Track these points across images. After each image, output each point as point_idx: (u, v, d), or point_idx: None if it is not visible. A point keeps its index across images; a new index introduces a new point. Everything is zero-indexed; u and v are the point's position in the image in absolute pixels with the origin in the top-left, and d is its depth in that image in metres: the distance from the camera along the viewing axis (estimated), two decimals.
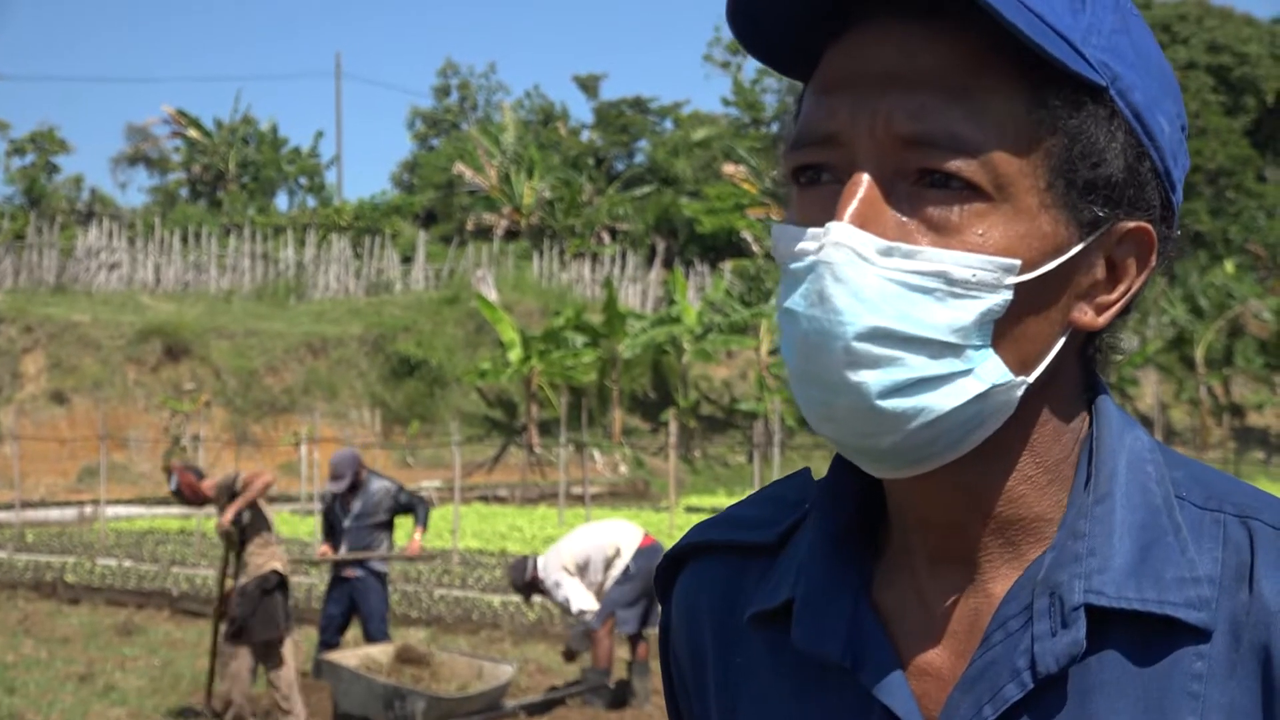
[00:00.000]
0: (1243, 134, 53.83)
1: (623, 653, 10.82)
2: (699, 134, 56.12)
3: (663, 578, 1.20)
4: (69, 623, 14.22)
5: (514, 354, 36.88)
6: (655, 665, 11.25)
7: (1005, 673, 0.95)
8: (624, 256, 49.07)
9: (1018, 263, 0.92)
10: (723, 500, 30.84)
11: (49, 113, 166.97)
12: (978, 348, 0.93)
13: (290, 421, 35.16)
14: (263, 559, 9.40)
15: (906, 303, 0.91)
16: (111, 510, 25.77)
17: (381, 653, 9.73)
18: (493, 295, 40.74)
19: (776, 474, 20.59)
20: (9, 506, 25.54)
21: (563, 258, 48.76)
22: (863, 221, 0.92)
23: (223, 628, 9.59)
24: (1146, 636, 0.94)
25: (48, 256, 40.70)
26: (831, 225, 0.92)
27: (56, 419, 33.07)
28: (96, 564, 18.11)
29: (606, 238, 52.19)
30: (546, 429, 37.73)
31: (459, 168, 52.71)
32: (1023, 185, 0.92)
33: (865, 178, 0.93)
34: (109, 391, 33.53)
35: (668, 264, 49.58)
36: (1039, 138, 0.93)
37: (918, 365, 0.92)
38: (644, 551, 10.17)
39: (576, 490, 29.09)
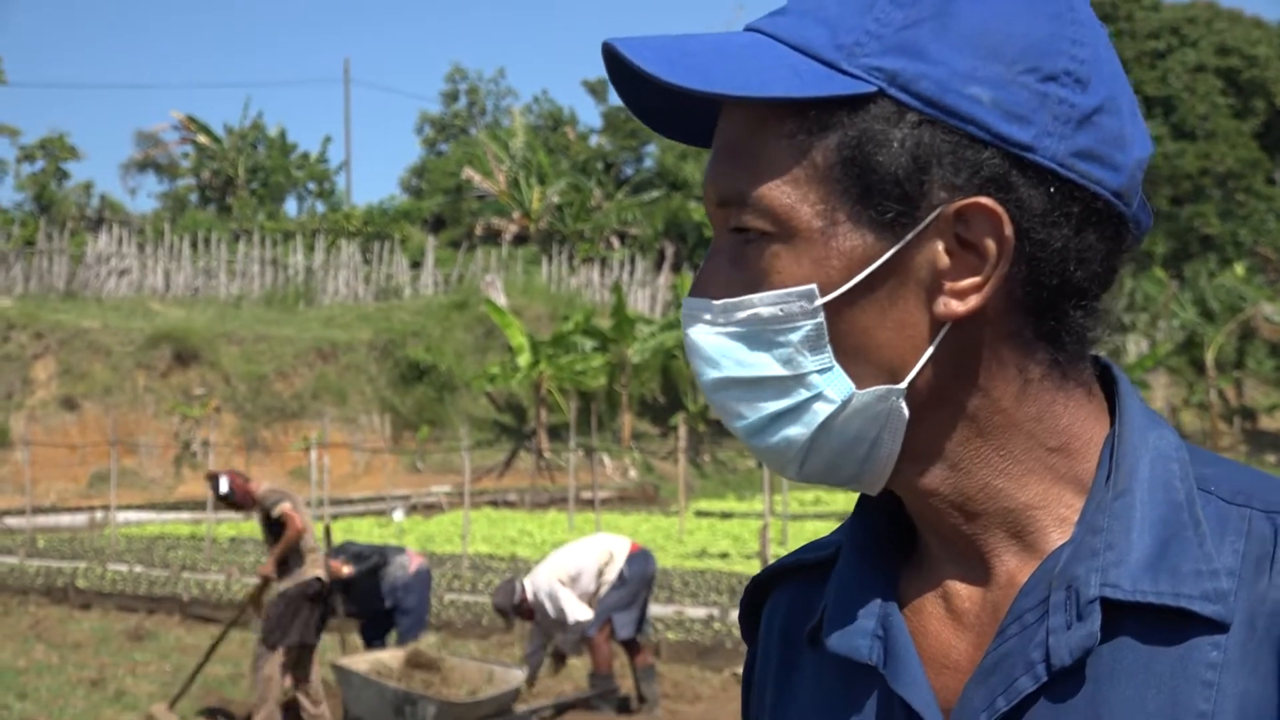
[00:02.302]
0: (1252, 137, 53.73)
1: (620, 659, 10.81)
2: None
3: (745, 613, 1.24)
4: (80, 628, 14.24)
5: (523, 359, 36.90)
6: (662, 669, 11.25)
7: (1019, 665, 0.96)
8: (633, 261, 49.09)
9: (814, 287, 0.97)
10: (732, 504, 30.82)
11: (59, 119, 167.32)
12: (820, 371, 0.98)
13: (300, 427, 35.18)
14: (305, 565, 9.54)
15: (739, 351, 1.00)
16: (122, 516, 25.82)
17: (392, 658, 9.73)
18: (501, 300, 40.77)
19: (785, 479, 20.56)
20: (20, 512, 25.60)
21: (571, 262, 48.80)
22: (704, 288, 1.02)
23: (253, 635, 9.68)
24: (1162, 629, 0.95)
25: (58, 263, 40.78)
26: (685, 299, 1.04)
27: (67, 425, 33.14)
28: (107, 569, 18.14)
29: (615, 242, 52.22)
30: (556, 434, 37.75)
31: (468, 173, 52.77)
32: (803, 214, 0.98)
33: (713, 247, 1.04)
34: (119, 397, 33.59)
35: (676, 268, 49.61)
36: (811, 164, 0.97)
37: (767, 404, 1.00)
38: (636, 556, 10.22)
39: (586, 495, 29.11)
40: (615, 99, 62.92)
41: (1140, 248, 1.06)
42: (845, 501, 30.28)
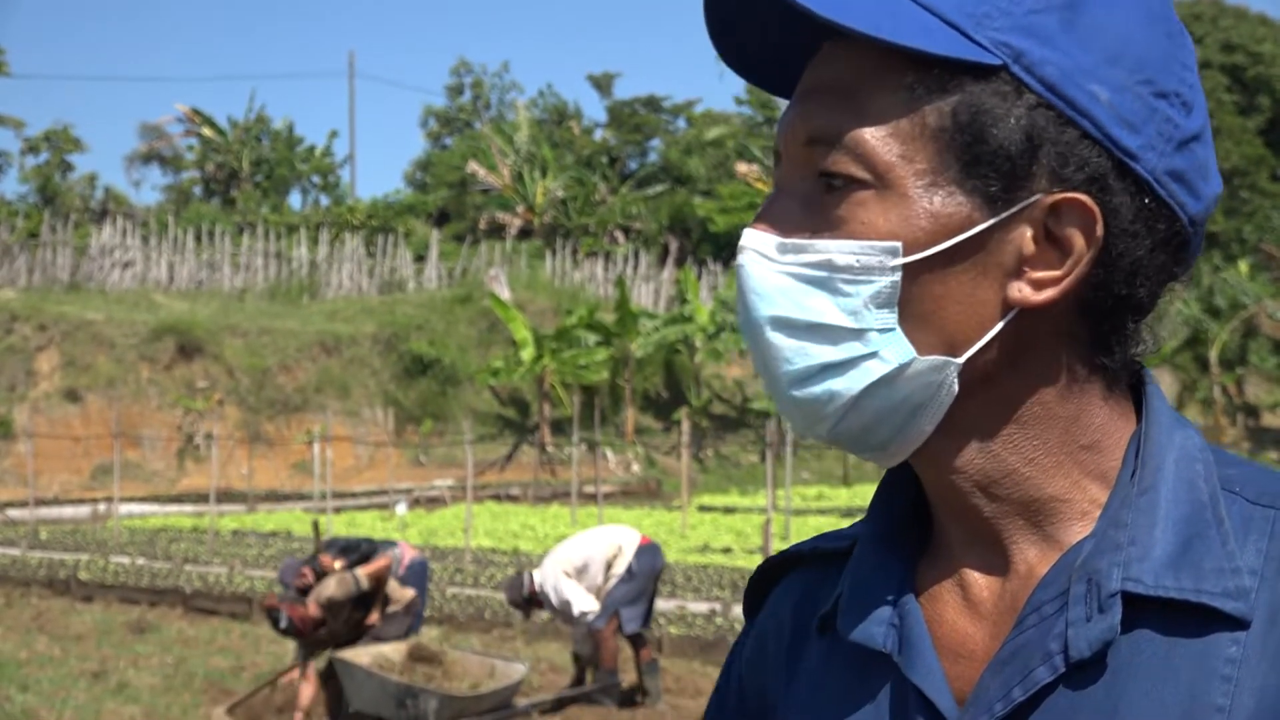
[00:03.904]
0: (1257, 134, 53.69)
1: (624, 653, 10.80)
2: (712, 133, 56.11)
3: (752, 590, 1.24)
4: (82, 620, 14.25)
5: (526, 353, 36.91)
6: (663, 663, 11.24)
7: (1037, 655, 0.96)
8: (637, 255, 49.09)
9: (898, 245, 0.96)
10: (735, 499, 30.82)
11: (63, 111, 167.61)
12: (881, 331, 0.97)
13: (303, 420, 35.21)
14: (400, 594, 9.92)
15: (800, 293, 0.98)
16: (125, 508, 25.85)
17: (394, 651, 9.73)
18: (505, 294, 40.77)
19: (789, 473, 20.51)
20: (23, 504, 25.63)
21: (575, 257, 48.79)
22: (771, 223, 1.00)
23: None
24: (1182, 624, 0.95)
25: (62, 255, 40.80)
26: (745, 230, 1.01)
27: (70, 417, 33.16)
28: (110, 561, 18.15)
29: (619, 237, 52.22)
30: (559, 428, 37.76)
31: (472, 167, 52.77)
32: (906, 169, 0.96)
33: (781, 182, 1.02)
34: (122, 389, 33.60)
35: (680, 263, 49.60)
36: (922, 121, 0.97)
37: (820, 353, 0.98)
38: (645, 550, 10.18)
39: (589, 489, 29.11)
40: (620, 93, 62.96)
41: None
42: (848, 497, 30.28)
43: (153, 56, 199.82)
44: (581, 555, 10.17)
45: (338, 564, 10.25)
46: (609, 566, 10.14)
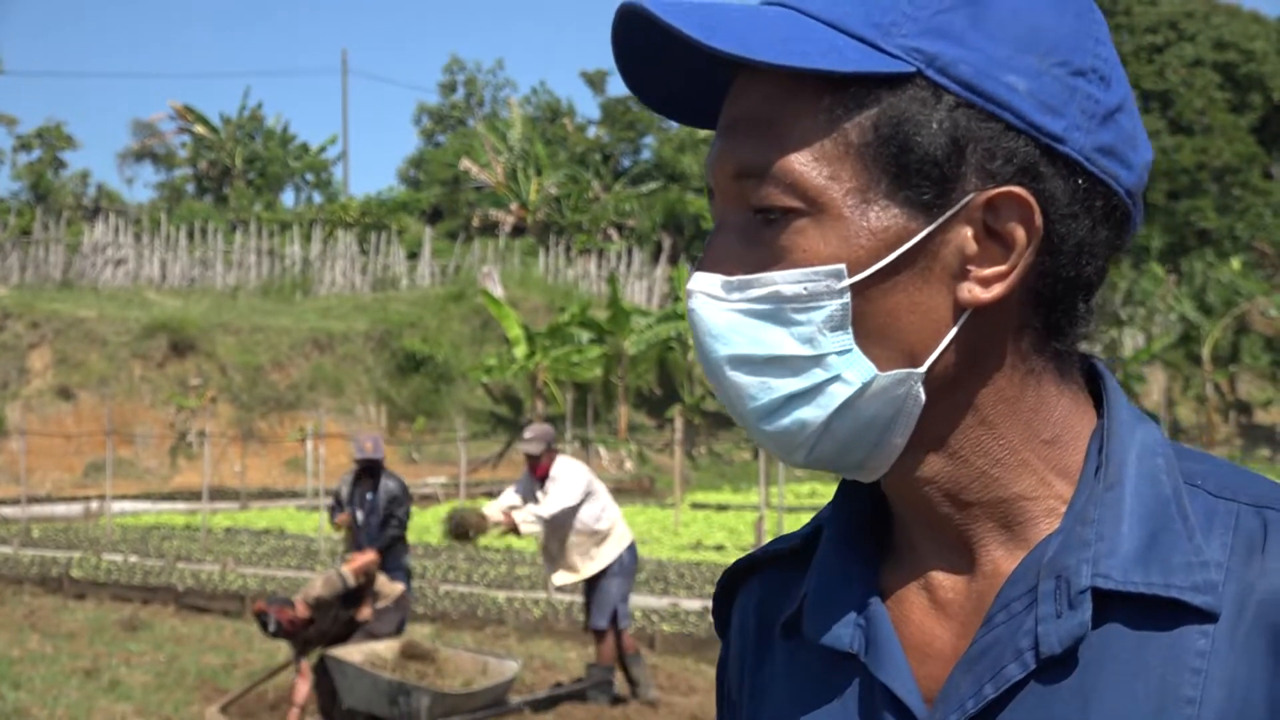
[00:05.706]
0: (1249, 131, 53.69)
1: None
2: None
3: (718, 604, 1.23)
4: (74, 618, 14.23)
5: (519, 350, 36.89)
6: (656, 661, 11.26)
7: (1008, 652, 0.96)
8: (630, 253, 49.08)
9: (842, 267, 0.96)
10: (728, 496, 30.83)
11: (56, 108, 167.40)
12: (840, 353, 0.97)
13: (296, 417, 35.17)
14: (389, 588, 9.92)
15: (753, 328, 0.98)
16: (117, 505, 25.80)
17: (386, 649, 9.72)
18: (498, 291, 40.75)
19: (781, 471, 20.55)
20: (15, 502, 25.59)
21: (569, 254, 48.78)
22: (715, 264, 1.00)
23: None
24: (1151, 619, 0.96)
25: (54, 252, 40.74)
26: (692, 273, 1.02)
27: (63, 414, 33.11)
28: (102, 559, 18.13)
29: (613, 234, 52.19)
30: (552, 425, 37.73)
31: (465, 164, 52.72)
32: (837, 190, 0.96)
33: (721, 222, 1.02)
34: (115, 387, 33.57)
35: (674, 260, 49.59)
36: (845, 140, 0.97)
37: (783, 384, 0.98)
38: (632, 548, 10.27)
39: None
40: (614, 90, 62.91)
41: (1134, 243, 1.07)
42: None
43: (145, 53, 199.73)
44: (602, 497, 10.13)
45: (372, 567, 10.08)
46: (596, 521, 10.06)
